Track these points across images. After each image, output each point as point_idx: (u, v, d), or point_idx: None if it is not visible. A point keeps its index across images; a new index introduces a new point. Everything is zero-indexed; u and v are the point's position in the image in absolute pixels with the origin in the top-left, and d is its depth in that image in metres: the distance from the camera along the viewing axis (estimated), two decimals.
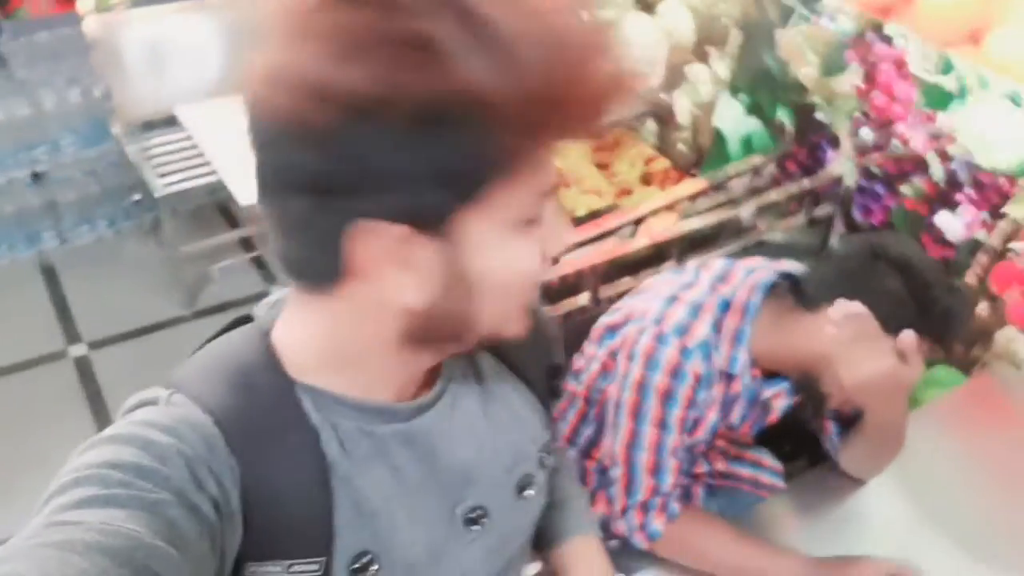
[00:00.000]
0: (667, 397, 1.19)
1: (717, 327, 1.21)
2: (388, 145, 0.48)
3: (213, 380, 0.57)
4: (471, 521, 0.67)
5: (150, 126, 2.79)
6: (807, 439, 1.38)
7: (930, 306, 1.13)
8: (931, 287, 1.13)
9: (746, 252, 1.82)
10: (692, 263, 1.35)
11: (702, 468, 1.38)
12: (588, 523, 0.93)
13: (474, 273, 0.54)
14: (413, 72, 0.46)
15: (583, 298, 1.54)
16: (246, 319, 0.65)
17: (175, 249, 2.60)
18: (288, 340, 0.61)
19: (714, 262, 1.33)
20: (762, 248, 1.85)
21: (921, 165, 1.68)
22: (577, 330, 1.57)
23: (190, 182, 2.47)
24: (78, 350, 2.52)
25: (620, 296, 1.62)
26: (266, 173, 0.53)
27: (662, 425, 1.20)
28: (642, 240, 1.68)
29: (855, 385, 1.11)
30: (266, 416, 0.57)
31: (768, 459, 1.43)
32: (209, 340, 0.63)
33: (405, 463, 0.63)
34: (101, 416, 2.30)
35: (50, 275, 2.79)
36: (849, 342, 1.10)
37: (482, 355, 0.73)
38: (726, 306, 1.23)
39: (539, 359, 0.77)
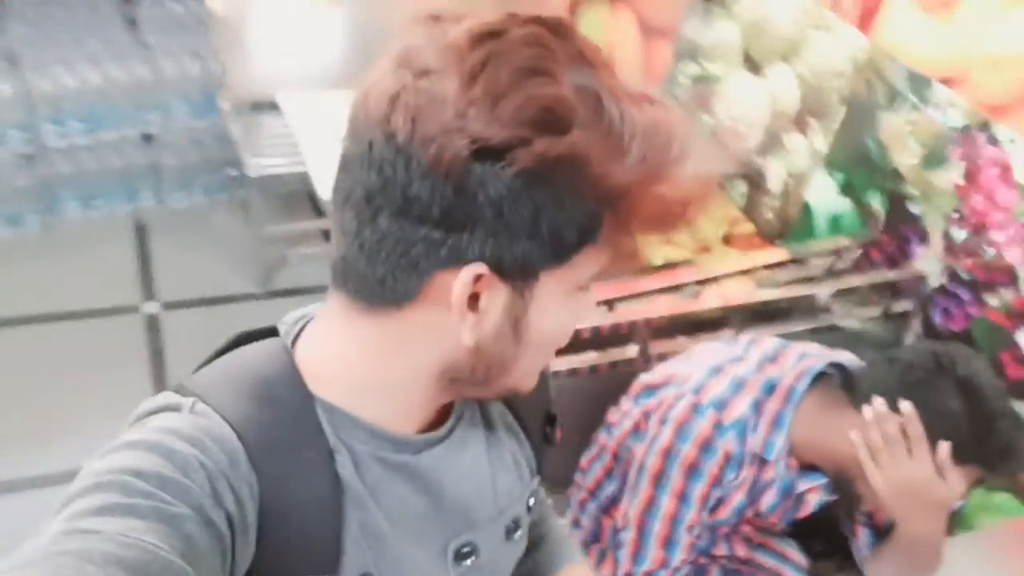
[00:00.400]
0: (692, 470, 1.16)
1: (757, 407, 1.18)
2: (504, 191, 0.51)
3: (235, 390, 0.58)
4: (461, 557, 0.68)
5: (258, 107, 2.90)
6: (840, 540, 1.32)
7: (988, 436, 1.07)
8: (995, 418, 1.07)
9: (816, 334, 1.76)
10: (745, 337, 1.32)
11: (722, 550, 1.33)
12: (575, 550, 0.93)
13: (530, 328, 0.58)
14: (542, 130, 0.50)
15: (631, 350, 1.51)
16: (255, 335, 0.65)
17: (260, 228, 2.69)
18: (315, 355, 0.61)
19: (767, 340, 1.29)
20: (833, 333, 1.78)
21: (1012, 277, 1.59)
22: (621, 382, 1.55)
23: (282, 168, 2.55)
24: (151, 307, 2.63)
25: (671, 355, 1.60)
26: (372, 191, 0.53)
27: (682, 498, 1.17)
28: (713, 301, 1.64)
29: (885, 490, 1.06)
30: (285, 431, 0.58)
31: (794, 553, 1.38)
32: (219, 353, 0.64)
33: (410, 493, 0.64)
34: (158, 374, 2.39)
35: (141, 232, 2.92)
36: (885, 444, 1.05)
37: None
38: (771, 388, 1.19)
39: (539, 407, 0.78)
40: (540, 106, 0.50)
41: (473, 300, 0.55)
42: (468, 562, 0.68)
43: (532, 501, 0.77)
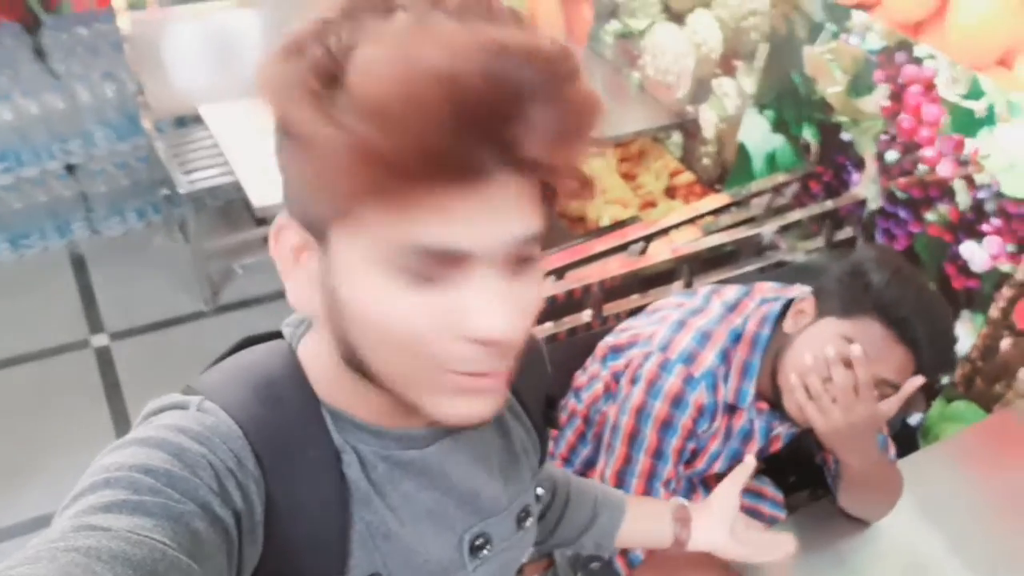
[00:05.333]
0: (665, 426, 1.16)
1: (726, 357, 1.18)
2: (287, 155, 0.52)
3: (241, 390, 0.57)
4: (476, 548, 0.67)
5: (181, 123, 2.84)
6: (812, 470, 1.34)
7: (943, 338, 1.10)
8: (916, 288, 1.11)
9: (764, 272, 1.78)
10: (703, 288, 1.32)
11: (700, 496, 1.34)
12: (620, 498, 0.99)
13: (342, 295, 0.51)
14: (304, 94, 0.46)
15: (586, 315, 1.51)
16: (262, 338, 0.64)
17: (200, 245, 2.63)
18: (314, 359, 0.60)
19: (726, 289, 1.30)
20: (781, 269, 1.80)
21: (947, 191, 1.62)
22: (580, 347, 1.54)
23: (214, 180, 2.49)
24: (100, 340, 2.56)
25: (626, 314, 1.60)
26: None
27: (657, 455, 1.17)
28: (661, 254, 1.64)
29: (825, 434, 1.07)
30: (291, 431, 0.57)
31: (770, 489, 1.39)
32: (225, 355, 0.63)
33: (419, 489, 0.63)
34: (117, 406, 2.33)
35: (79, 265, 2.84)
36: (829, 391, 1.06)
37: None
38: (737, 337, 1.20)
39: (539, 389, 0.77)
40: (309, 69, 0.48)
41: (301, 267, 0.54)
42: (484, 553, 0.68)
43: (540, 490, 0.77)
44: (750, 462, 0.98)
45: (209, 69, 2.62)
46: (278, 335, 0.64)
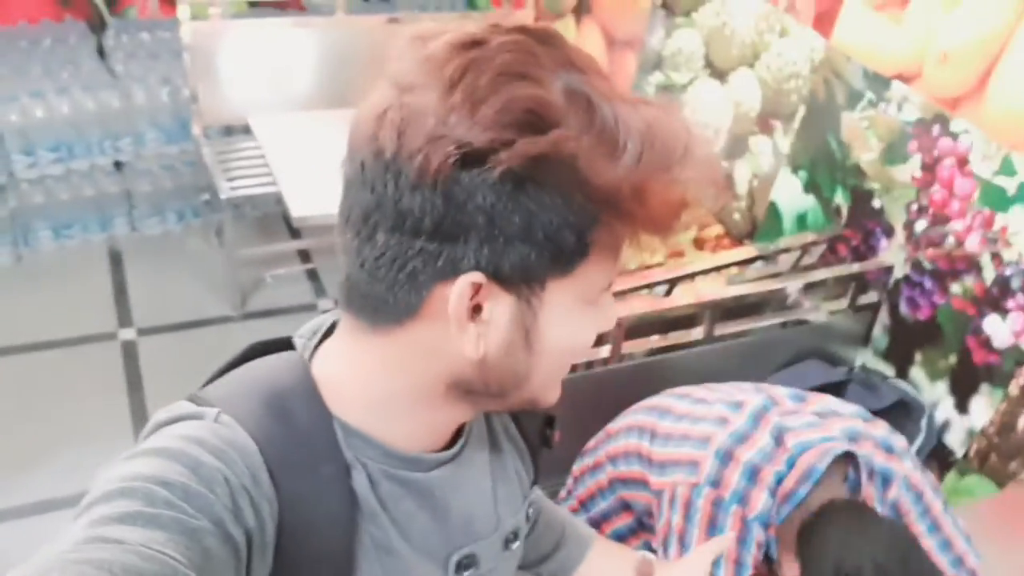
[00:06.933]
0: (739, 565, 1.14)
1: (774, 495, 1.17)
2: (492, 196, 0.50)
3: (253, 403, 0.57)
4: (462, 568, 0.68)
5: (229, 131, 2.92)
6: None
7: None
8: None
9: (786, 328, 1.79)
10: (749, 403, 1.27)
11: None
12: (588, 534, 0.98)
13: (542, 338, 0.56)
14: (524, 130, 0.49)
15: (604, 350, 1.53)
16: (267, 347, 0.64)
17: (234, 251, 2.69)
18: (329, 373, 0.61)
19: (770, 417, 1.25)
20: (803, 327, 1.81)
21: (974, 265, 1.63)
22: (597, 382, 1.57)
23: (254, 189, 2.56)
24: (127, 334, 2.62)
25: (645, 353, 1.62)
26: (367, 209, 0.53)
27: None
28: (684, 299, 1.66)
29: None
30: (303, 445, 0.57)
31: None
32: (232, 363, 0.63)
33: (419, 509, 0.64)
34: (136, 400, 2.38)
35: (115, 260, 2.91)
36: None
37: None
38: (780, 480, 1.17)
39: (537, 413, 0.77)
40: (522, 107, 0.49)
41: (476, 311, 0.54)
42: (468, 573, 0.69)
43: (531, 511, 0.77)
44: (730, 537, 0.98)
45: (262, 82, 2.71)
46: (286, 342, 0.64)
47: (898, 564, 1.01)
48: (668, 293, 1.74)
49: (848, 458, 1.18)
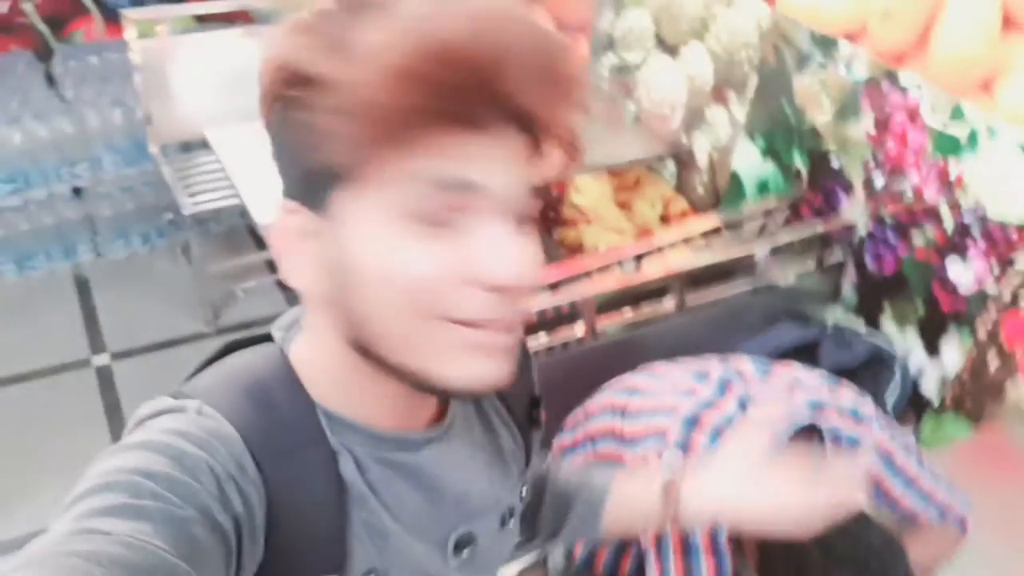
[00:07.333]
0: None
1: None
2: (278, 127, 0.55)
3: (234, 394, 0.57)
4: (460, 547, 0.68)
5: (187, 148, 2.90)
6: None
7: None
8: None
9: (756, 294, 1.81)
10: (716, 370, 1.29)
11: None
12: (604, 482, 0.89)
13: (350, 258, 0.53)
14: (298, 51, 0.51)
15: (579, 328, 1.55)
16: (248, 342, 0.65)
17: (202, 268, 2.67)
18: (306, 360, 0.61)
19: (736, 387, 1.27)
20: (772, 291, 1.83)
21: (933, 214, 1.66)
22: (574, 361, 1.57)
23: (218, 202, 2.54)
24: (101, 360, 2.59)
25: (620, 327, 1.63)
26: None
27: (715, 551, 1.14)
28: (654, 270, 1.68)
29: None
30: (287, 434, 0.57)
31: None
32: (210, 360, 0.63)
33: (408, 490, 0.64)
34: (117, 425, 2.36)
35: (83, 287, 2.88)
36: None
37: None
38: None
39: (524, 390, 0.77)
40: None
41: (300, 244, 0.55)
42: (466, 552, 0.69)
43: (524, 490, 0.77)
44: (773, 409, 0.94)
45: (215, 95, 2.69)
46: (265, 338, 0.64)
47: (846, 540, 1.00)
48: (638, 269, 1.75)
49: (813, 430, 1.19)
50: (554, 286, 1.60)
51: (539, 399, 0.78)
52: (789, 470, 0.75)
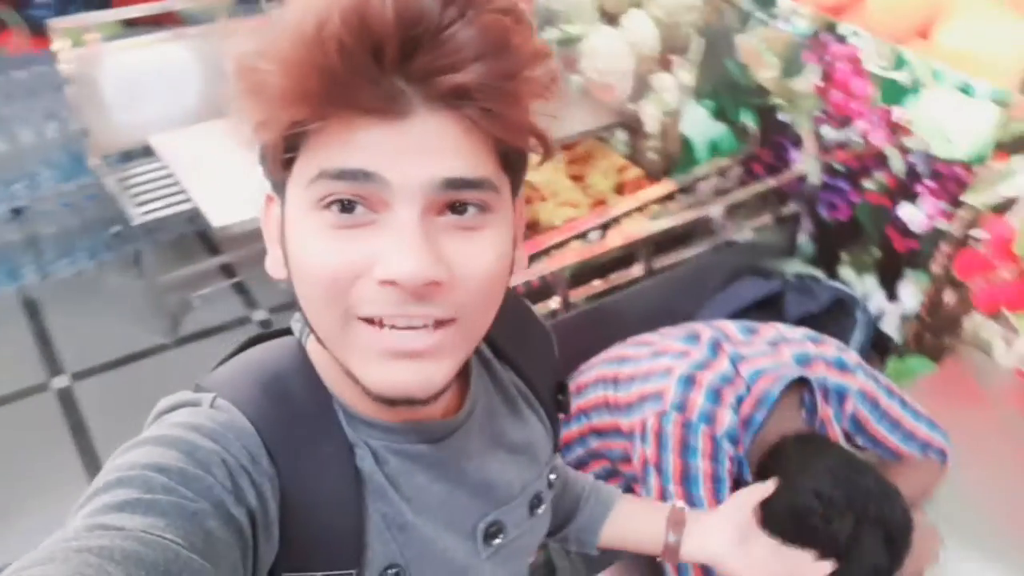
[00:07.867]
0: (715, 480, 1.17)
1: (738, 412, 1.20)
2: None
3: (251, 387, 0.57)
4: (490, 536, 0.67)
5: (128, 157, 2.82)
6: None
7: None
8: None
9: (717, 252, 1.85)
10: (706, 333, 1.30)
11: None
12: (612, 492, 0.97)
13: (287, 249, 0.53)
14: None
15: (554, 302, 1.56)
16: (271, 335, 0.64)
17: (155, 278, 2.61)
18: (319, 352, 0.60)
19: (729, 338, 1.29)
20: (732, 248, 1.87)
21: (882, 159, 1.71)
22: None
23: (166, 210, 2.48)
24: (60, 382, 2.52)
25: (591, 297, 1.65)
26: None
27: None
28: (616, 241, 1.70)
29: None
30: (302, 426, 0.57)
31: None
32: (233, 353, 0.62)
33: (433, 480, 0.63)
34: (84, 446, 2.30)
35: (32, 309, 2.79)
36: None
37: (507, 371, 0.72)
38: (740, 401, 1.21)
39: (549, 375, 0.77)
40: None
41: (272, 232, 0.57)
42: (497, 540, 0.68)
43: (553, 476, 0.76)
44: (772, 483, 0.98)
45: (151, 101, 2.62)
46: (287, 332, 0.64)
47: (843, 489, 1.02)
48: (602, 239, 1.77)
49: (803, 383, 1.23)
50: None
51: (565, 384, 0.77)
52: (770, 546, 0.93)
